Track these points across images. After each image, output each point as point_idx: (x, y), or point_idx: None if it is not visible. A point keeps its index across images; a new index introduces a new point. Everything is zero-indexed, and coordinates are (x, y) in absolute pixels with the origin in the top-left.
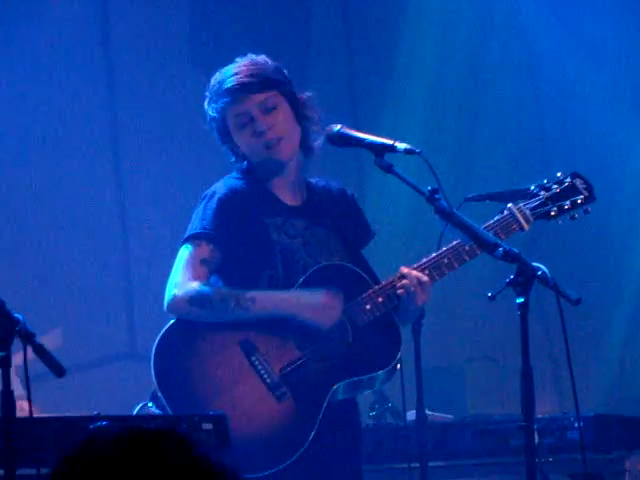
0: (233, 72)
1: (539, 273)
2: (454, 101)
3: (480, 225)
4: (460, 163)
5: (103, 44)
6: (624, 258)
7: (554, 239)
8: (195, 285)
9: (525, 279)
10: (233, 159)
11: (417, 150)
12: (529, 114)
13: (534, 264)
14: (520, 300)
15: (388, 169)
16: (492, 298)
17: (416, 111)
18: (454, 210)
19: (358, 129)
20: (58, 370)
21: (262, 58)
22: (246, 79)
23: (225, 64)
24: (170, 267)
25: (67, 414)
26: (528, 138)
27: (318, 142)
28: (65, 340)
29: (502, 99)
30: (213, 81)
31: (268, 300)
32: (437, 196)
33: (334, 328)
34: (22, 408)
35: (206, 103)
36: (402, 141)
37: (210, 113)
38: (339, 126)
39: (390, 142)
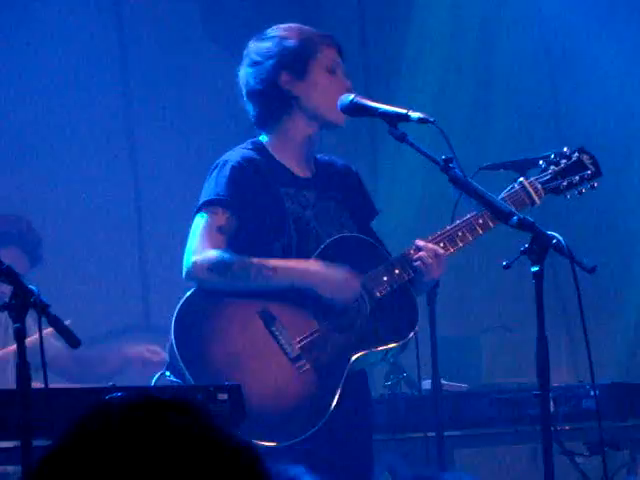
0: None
1: (554, 241)
2: (468, 70)
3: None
4: (474, 132)
5: (117, 27)
6: (638, 227)
7: (567, 209)
8: (215, 252)
9: (540, 248)
10: (276, 93)
11: (431, 119)
12: (543, 83)
13: (549, 233)
14: (535, 269)
15: (402, 138)
16: (507, 267)
17: (429, 80)
18: (468, 179)
19: (371, 98)
20: (73, 341)
21: None
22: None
23: (240, 40)
24: (184, 239)
25: (82, 385)
26: (542, 107)
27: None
28: (80, 312)
29: (516, 69)
30: (293, 25)
31: (289, 270)
32: (451, 165)
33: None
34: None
35: (280, 34)
36: (416, 110)
37: (289, 40)
38: (352, 95)
39: (404, 111)
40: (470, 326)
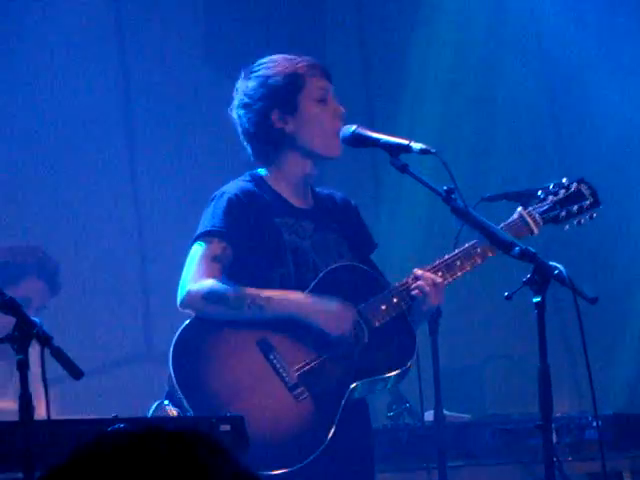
0: (310, 57)
1: (556, 272)
2: (470, 101)
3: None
4: (476, 163)
5: (118, 48)
6: (639, 256)
7: (569, 239)
8: (209, 282)
9: (542, 278)
10: (270, 134)
11: (432, 150)
12: (545, 114)
13: (551, 263)
14: (537, 299)
15: (403, 169)
16: (509, 297)
17: (432, 111)
18: (470, 210)
19: (374, 129)
20: (75, 372)
21: None
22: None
23: (239, 65)
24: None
25: (85, 417)
26: (544, 138)
27: None
28: (82, 343)
29: (518, 99)
30: (280, 57)
31: (283, 301)
32: (453, 196)
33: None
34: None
35: (263, 73)
36: (418, 141)
37: (273, 76)
38: (354, 126)
39: (405, 142)
40: (473, 356)
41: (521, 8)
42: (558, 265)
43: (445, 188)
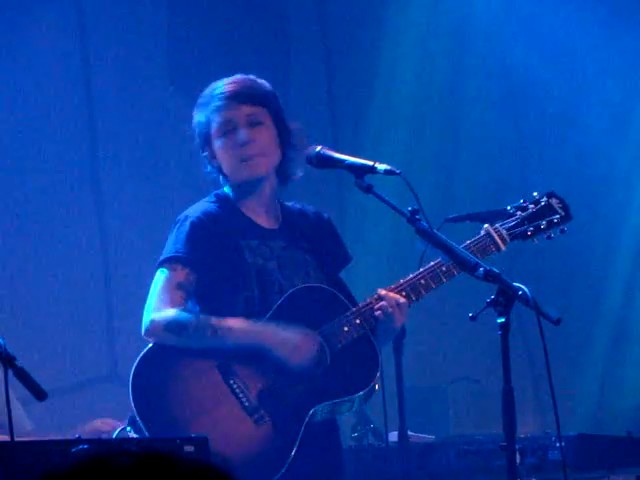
0: (227, 82)
1: (520, 293)
2: (435, 122)
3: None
4: (440, 184)
5: (83, 68)
6: (605, 276)
7: (534, 258)
8: (172, 312)
9: (506, 299)
10: (209, 168)
11: (397, 171)
12: (509, 135)
13: (515, 284)
14: (501, 320)
15: (368, 190)
16: (473, 318)
17: (396, 132)
18: (435, 230)
19: (338, 150)
20: (39, 393)
21: (260, 79)
22: (238, 89)
23: (204, 86)
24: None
25: (48, 438)
26: (508, 159)
27: (297, 175)
28: (46, 363)
29: (483, 120)
30: (206, 90)
31: (245, 331)
32: (417, 216)
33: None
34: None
35: (195, 110)
36: (382, 162)
37: (196, 119)
38: (319, 147)
39: (370, 163)
40: (437, 377)
41: (485, 30)
42: (522, 286)
43: (410, 209)
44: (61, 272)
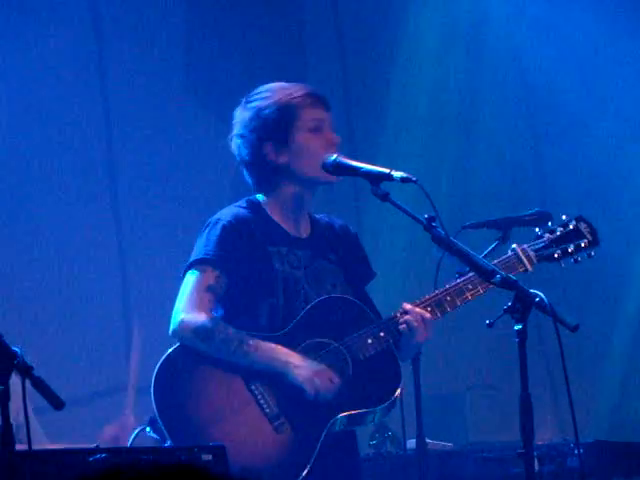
0: (303, 85)
1: (537, 300)
2: (451, 129)
3: (481, 255)
4: (457, 192)
5: (99, 73)
6: (623, 284)
7: (552, 266)
8: (202, 317)
9: (523, 306)
10: (264, 166)
11: (413, 178)
12: (526, 142)
13: (532, 291)
14: (518, 327)
15: (384, 198)
16: (490, 325)
17: (413, 140)
18: (451, 238)
19: (355, 158)
20: (56, 403)
21: None
22: (320, 94)
23: (219, 96)
24: (168, 297)
25: (66, 447)
26: (525, 166)
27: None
28: (64, 372)
29: (499, 127)
30: (275, 86)
31: (269, 352)
32: (434, 224)
33: (334, 357)
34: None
35: (256, 104)
36: (399, 170)
37: (267, 107)
38: (335, 155)
39: (386, 171)
40: (455, 384)
41: (500, 33)
42: (539, 293)
43: (426, 216)
44: (79, 282)
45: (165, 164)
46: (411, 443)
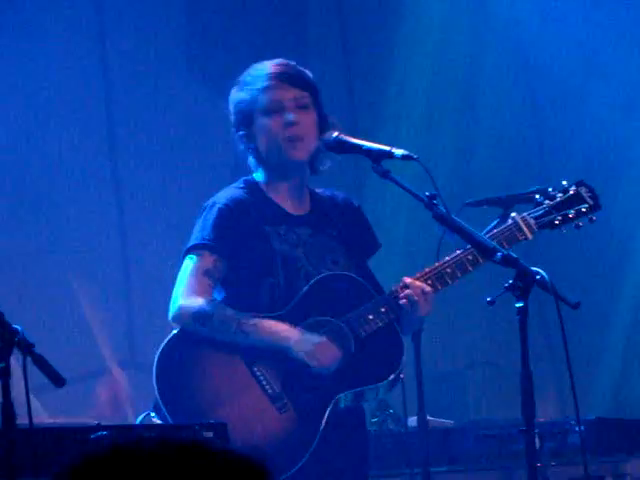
0: (274, 63)
1: (538, 277)
2: (452, 107)
3: (483, 232)
4: (458, 169)
5: (100, 54)
6: (624, 261)
7: (553, 243)
8: (200, 301)
9: (524, 283)
10: (242, 148)
11: (414, 156)
12: (527, 120)
13: (533, 268)
14: (519, 305)
15: (385, 175)
16: (491, 303)
17: (414, 117)
18: (452, 215)
19: (356, 134)
20: (57, 380)
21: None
22: (286, 70)
23: (222, 74)
24: (169, 276)
25: (67, 424)
26: (526, 143)
27: (326, 166)
28: (64, 351)
29: (500, 105)
30: (250, 70)
31: (270, 330)
32: (435, 202)
33: (335, 334)
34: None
35: (235, 88)
36: (400, 147)
37: (237, 96)
38: (336, 133)
39: (387, 148)
40: (456, 362)
41: (503, 14)
42: (540, 270)
43: (427, 194)
44: (80, 259)
45: (165, 140)
46: (412, 421)
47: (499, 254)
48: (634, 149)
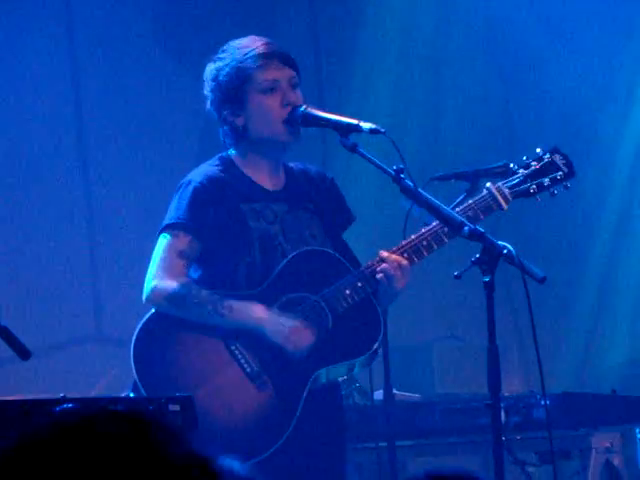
0: (263, 41)
1: (504, 251)
2: (419, 81)
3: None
4: (426, 143)
5: (67, 26)
6: (590, 234)
7: (519, 216)
8: (174, 283)
9: (490, 258)
10: (226, 127)
11: (382, 130)
12: (495, 94)
13: (500, 243)
14: (486, 279)
15: (353, 149)
16: (458, 277)
17: (382, 91)
18: (420, 190)
19: (323, 108)
20: (23, 353)
21: None
22: (278, 49)
23: (191, 46)
24: (135, 249)
25: (32, 397)
26: (494, 117)
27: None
28: (30, 322)
29: (468, 78)
30: (233, 47)
31: (244, 311)
32: (402, 175)
33: (312, 311)
34: None
35: (216, 65)
36: (367, 121)
37: (225, 73)
38: (304, 106)
39: (355, 122)
40: (422, 336)
41: None
42: (507, 244)
43: (395, 168)
44: (46, 231)
45: (134, 118)
46: (378, 394)
47: (466, 228)
48: (601, 121)
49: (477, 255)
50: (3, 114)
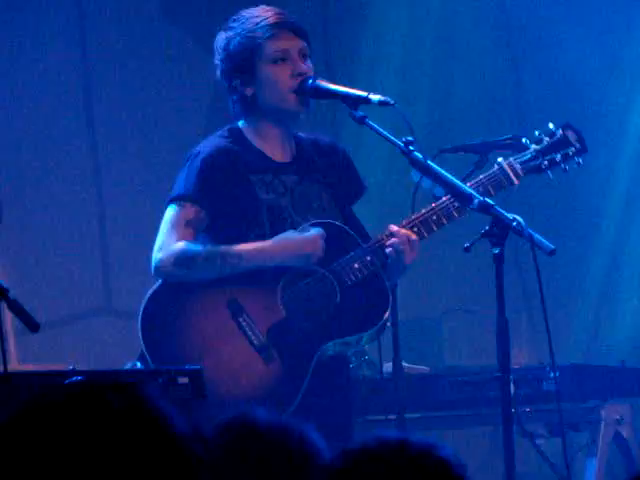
0: (274, 11)
1: (514, 224)
2: (429, 54)
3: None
4: (435, 115)
5: (78, 12)
6: (600, 207)
7: (529, 191)
8: (179, 245)
9: (500, 230)
10: (235, 97)
11: (391, 102)
12: (505, 66)
13: (509, 215)
14: (495, 251)
15: (361, 121)
16: (467, 249)
17: (391, 64)
18: (429, 162)
19: (332, 81)
20: (32, 325)
21: None
22: (289, 19)
23: (198, 16)
24: (145, 221)
25: (42, 369)
26: (504, 90)
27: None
28: (40, 295)
29: (477, 51)
30: (243, 16)
31: (254, 253)
32: (412, 147)
33: (320, 284)
34: None
35: (227, 35)
36: (376, 93)
37: (234, 44)
38: (313, 77)
39: (364, 94)
40: (431, 308)
41: None
42: (517, 217)
43: (404, 140)
44: (55, 204)
45: (142, 92)
46: (387, 367)
47: (476, 201)
48: (611, 96)
49: (487, 227)
50: (9, 88)
